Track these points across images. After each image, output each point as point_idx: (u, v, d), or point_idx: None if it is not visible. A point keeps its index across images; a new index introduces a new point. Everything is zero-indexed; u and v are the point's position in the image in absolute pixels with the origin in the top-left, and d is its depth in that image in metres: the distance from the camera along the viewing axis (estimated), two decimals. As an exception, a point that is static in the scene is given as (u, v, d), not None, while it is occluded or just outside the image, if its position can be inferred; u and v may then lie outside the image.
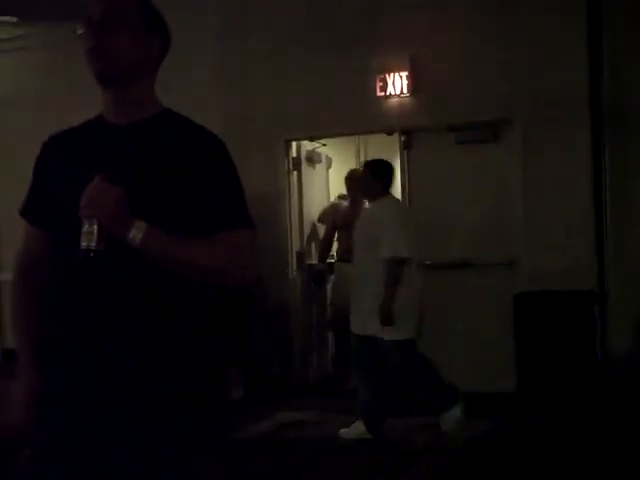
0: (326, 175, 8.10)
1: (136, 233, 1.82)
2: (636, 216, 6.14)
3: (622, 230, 6.13)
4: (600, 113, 6.11)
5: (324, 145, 7.71)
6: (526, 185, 6.30)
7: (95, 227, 1.82)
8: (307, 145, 7.45)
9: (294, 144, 7.22)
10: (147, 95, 2.04)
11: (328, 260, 7.32)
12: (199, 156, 1.94)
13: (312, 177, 7.59)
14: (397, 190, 6.70)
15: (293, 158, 7.22)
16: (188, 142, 1.96)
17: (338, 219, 7.19)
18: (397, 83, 6.61)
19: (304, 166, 7.38)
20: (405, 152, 6.79)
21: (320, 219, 7.47)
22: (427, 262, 6.17)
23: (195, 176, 1.91)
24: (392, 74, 6.61)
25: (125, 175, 1.88)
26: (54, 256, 2.00)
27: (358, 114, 6.74)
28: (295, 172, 7.23)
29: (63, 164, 2.01)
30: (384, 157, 7.93)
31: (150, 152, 1.94)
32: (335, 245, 7.38)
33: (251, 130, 6.91)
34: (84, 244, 1.83)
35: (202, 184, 1.92)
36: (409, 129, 6.74)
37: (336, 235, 7.31)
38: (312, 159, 7.58)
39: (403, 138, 6.78)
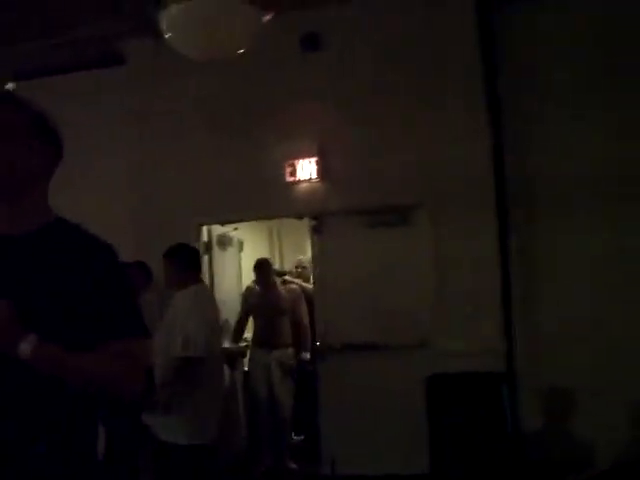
0: (238, 258, 8.10)
1: (25, 347, 1.79)
2: (542, 295, 6.30)
3: (530, 310, 6.28)
4: (505, 194, 6.31)
5: (236, 229, 7.73)
6: (435, 267, 6.40)
7: None
8: (218, 229, 7.45)
9: (205, 228, 7.22)
10: (39, 205, 2.03)
11: (242, 344, 7.28)
12: (92, 267, 1.94)
13: (224, 260, 7.58)
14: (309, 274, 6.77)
15: (204, 242, 7.21)
16: (81, 253, 1.95)
17: (251, 303, 7.20)
18: (306, 168, 6.70)
19: (215, 250, 7.37)
20: (315, 236, 6.85)
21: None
22: (339, 345, 6.21)
23: (88, 287, 1.91)
24: (301, 160, 6.71)
25: (16, 287, 1.86)
26: None
27: (268, 199, 6.79)
28: (206, 256, 7.21)
29: None
30: (297, 240, 8.06)
31: (43, 263, 1.92)
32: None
33: (163, 215, 6.87)
34: None
35: (95, 295, 1.91)
36: (318, 214, 6.81)
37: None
38: (224, 243, 7.58)
39: (313, 222, 6.85)
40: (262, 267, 7.20)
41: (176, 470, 4.69)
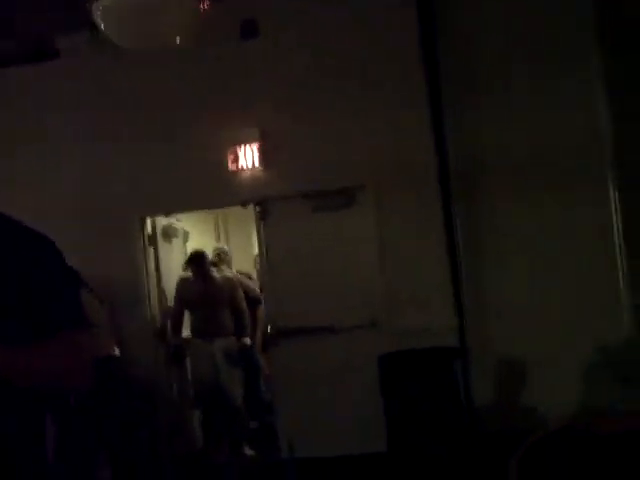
0: (184, 249, 8.04)
1: None
2: (489, 272, 6.39)
3: (476, 285, 6.36)
4: (447, 173, 6.38)
5: (179, 221, 7.67)
6: (382, 247, 6.44)
7: None
8: (163, 221, 7.38)
9: (149, 220, 7.14)
10: None
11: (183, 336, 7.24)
12: (32, 260, 1.87)
13: (169, 252, 7.52)
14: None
15: (149, 234, 7.13)
16: (19, 246, 1.88)
17: (189, 295, 7.19)
18: (248, 155, 6.66)
19: (160, 241, 7.30)
20: (261, 222, 6.82)
21: None
22: (290, 329, 6.25)
23: (25, 280, 1.84)
24: (243, 146, 6.67)
25: None
26: None
27: (212, 188, 6.75)
28: (151, 248, 7.14)
29: None
30: (244, 228, 8.05)
31: None
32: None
33: (106, 209, 6.77)
34: None
35: (33, 289, 1.84)
36: (263, 200, 6.77)
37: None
38: (168, 234, 7.51)
39: (258, 209, 6.82)
40: (199, 260, 7.16)
41: None
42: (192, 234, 8.28)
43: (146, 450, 6.79)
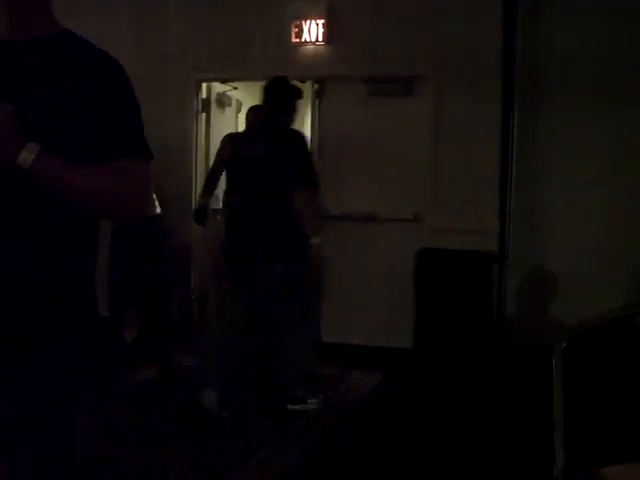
0: (235, 119, 7.96)
1: (26, 156, 1.69)
2: (540, 178, 6.25)
3: (526, 192, 6.23)
4: (512, 72, 6.15)
5: (235, 89, 7.56)
6: (434, 140, 6.32)
7: None
8: (218, 87, 7.28)
9: (204, 85, 7.06)
10: (44, 13, 1.88)
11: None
12: (101, 80, 1.83)
13: (221, 120, 7.45)
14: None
15: (203, 99, 7.06)
16: (90, 64, 1.85)
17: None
18: (313, 31, 6.52)
19: (213, 108, 7.23)
20: (317, 100, 6.71)
21: None
22: (334, 213, 6.21)
23: (95, 99, 1.81)
24: (308, 21, 6.51)
25: (17, 92, 1.76)
26: None
27: (272, 60, 6.63)
28: (204, 114, 7.08)
29: None
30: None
31: (48, 70, 1.80)
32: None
33: (166, 69, 6.73)
34: None
35: (102, 108, 1.81)
36: (322, 78, 6.65)
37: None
38: (222, 102, 7.43)
39: (316, 86, 6.70)
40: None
41: None
42: (244, 105, 8.17)
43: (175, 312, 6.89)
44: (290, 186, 4.54)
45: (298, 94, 5.01)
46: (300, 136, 4.81)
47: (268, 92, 4.88)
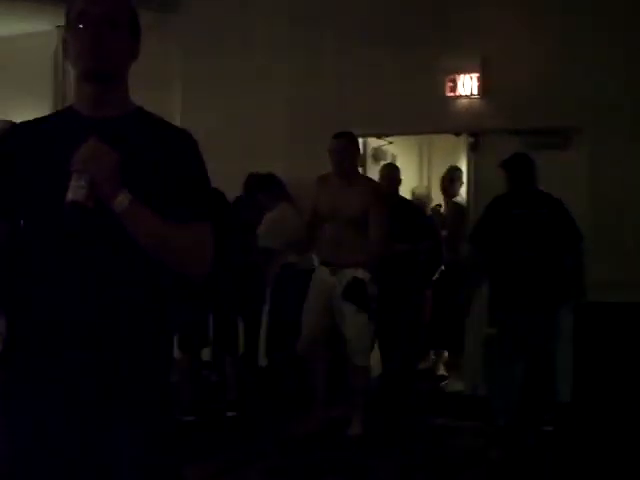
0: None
1: (123, 199, 1.88)
2: None
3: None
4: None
5: (390, 143, 7.69)
6: (592, 195, 6.21)
7: (87, 183, 1.84)
8: (373, 142, 7.43)
9: (360, 140, 7.19)
10: (124, 94, 2.10)
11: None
12: (173, 153, 2.02)
13: (376, 174, 7.56)
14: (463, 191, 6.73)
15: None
16: (164, 139, 2.04)
17: None
18: (467, 84, 6.58)
19: (369, 163, 7.36)
20: (472, 154, 6.75)
21: None
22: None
23: (169, 171, 1.99)
24: (462, 75, 6.59)
25: None
26: (22, 241, 2.02)
27: (427, 114, 6.72)
28: (360, 168, 7.21)
29: (32, 153, 2.02)
30: (449, 158, 7.92)
31: (126, 145, 1.97)
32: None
33: (320, 126, 6.90)
34: (71, 196, 1.85)
35: (176, 179, 1.99)
36: (477, 131, 6.69)
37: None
38: (378, 156, 7.57)
39: (470, 140, 6.74)
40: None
41: None
42: (400, 159, 8.29)
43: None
44: None
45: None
46: None
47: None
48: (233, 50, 7.30)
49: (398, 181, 6.78)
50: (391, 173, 6.70)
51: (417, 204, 7.31)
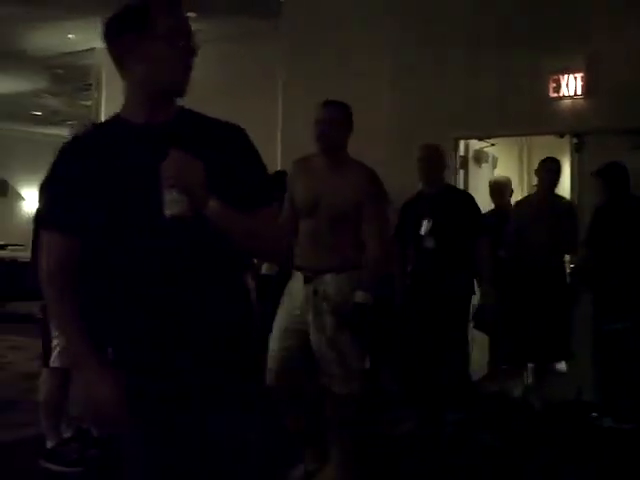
0: (492, 175, 8.06)
1: (214, 204, 1.96)
2: None
3: None
4: None
5: (492, 145, 7.70)
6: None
7: (181, 195, 1.90)
8: (475, 144, 7.46)
9: (462, 142, 7.26)
10: (173, 100, 2.17)
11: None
12: (228, 148, 2.09)
13: (478, 176, 7.59)
14: (566, 192, 6.69)
15: (461, 157, 7.25)
16: (216, 135, 2.11)
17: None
18: (571, 84, 6.54)
19: (471, 165, 7.40)
20: (576, 155, 6.69)
21: None
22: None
23: (229, 165, 2.06)
24: (566, 75, 6.55)
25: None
26: (100, 255, 2.08)
27: (529, 115, 6.70)
28: (462, 170, 7.27)
29: (98, 166, 2.05)
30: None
31: (187, 147, 1.98)
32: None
33: (421, 127, 6.96)
34: (171, 212, 1.90)
35: (236, 171, 2.07)
36: (581, 131, 6.63)
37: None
38: (479, 158, 7.58)
39: (575, 140, 6.69)
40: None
41: None
42: (500, 161, 8.28)
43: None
44: None
45: None
46: None
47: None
48: (332, 52, 7.49)
49: (510, 192, 7.10)
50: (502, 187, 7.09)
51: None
